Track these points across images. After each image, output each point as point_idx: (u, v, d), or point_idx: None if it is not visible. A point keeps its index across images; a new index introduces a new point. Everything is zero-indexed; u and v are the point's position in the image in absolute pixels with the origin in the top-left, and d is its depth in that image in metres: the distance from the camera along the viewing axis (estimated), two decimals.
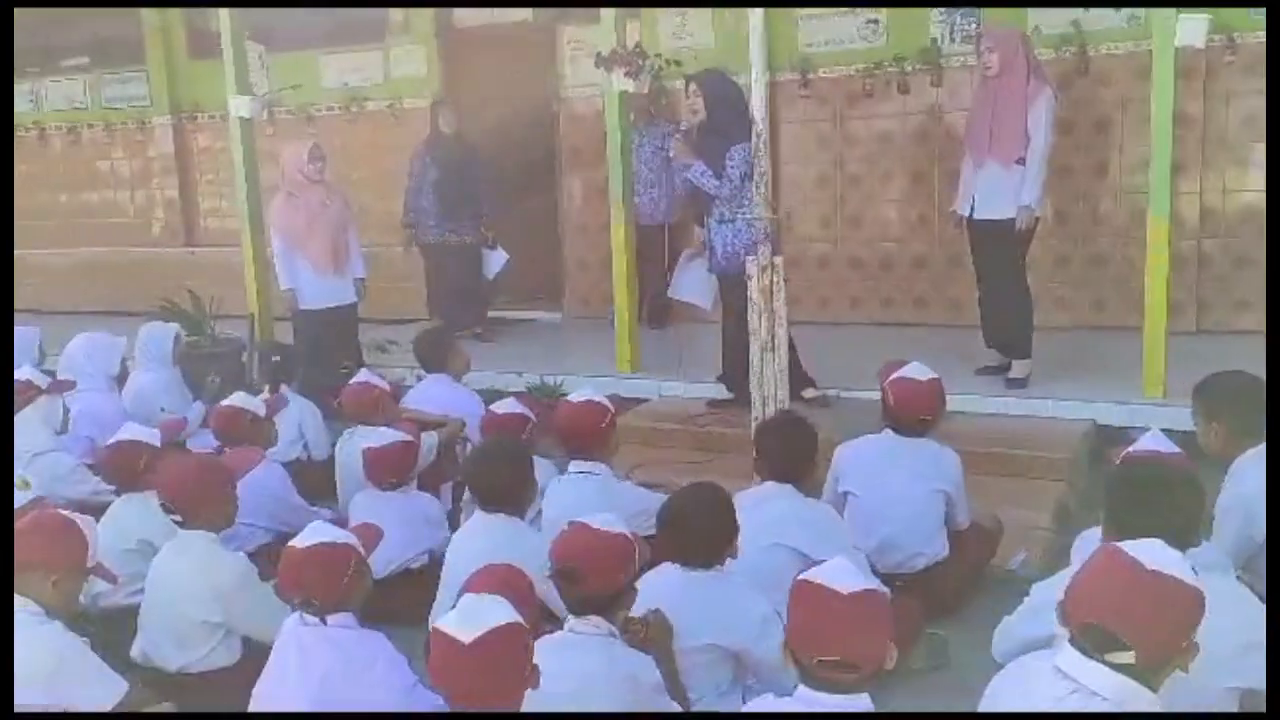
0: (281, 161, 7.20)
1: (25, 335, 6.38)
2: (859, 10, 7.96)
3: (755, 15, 4.84)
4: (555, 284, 9.27)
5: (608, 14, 6.69)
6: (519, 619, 2.28)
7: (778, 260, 4.90)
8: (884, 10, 7.88)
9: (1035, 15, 7.43)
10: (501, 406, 4.63)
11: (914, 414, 4.01)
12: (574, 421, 4.12)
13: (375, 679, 2.87)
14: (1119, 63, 7.31)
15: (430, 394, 5.55)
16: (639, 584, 2.90)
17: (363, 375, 5.27)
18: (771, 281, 4.89)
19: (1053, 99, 5.97)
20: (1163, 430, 4.34)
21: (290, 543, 2.94)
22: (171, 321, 7.67)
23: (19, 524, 3.14)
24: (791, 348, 6.07)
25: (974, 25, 7.65)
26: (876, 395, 6.04)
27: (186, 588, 3.43)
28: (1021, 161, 5.91)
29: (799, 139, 8.29)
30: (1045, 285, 7.20)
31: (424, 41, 9.49)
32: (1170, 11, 5.36)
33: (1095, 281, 7.56)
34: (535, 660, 2.34)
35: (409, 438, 4.34)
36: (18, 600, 3.02)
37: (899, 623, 3.54)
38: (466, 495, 4.53)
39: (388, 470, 4.27)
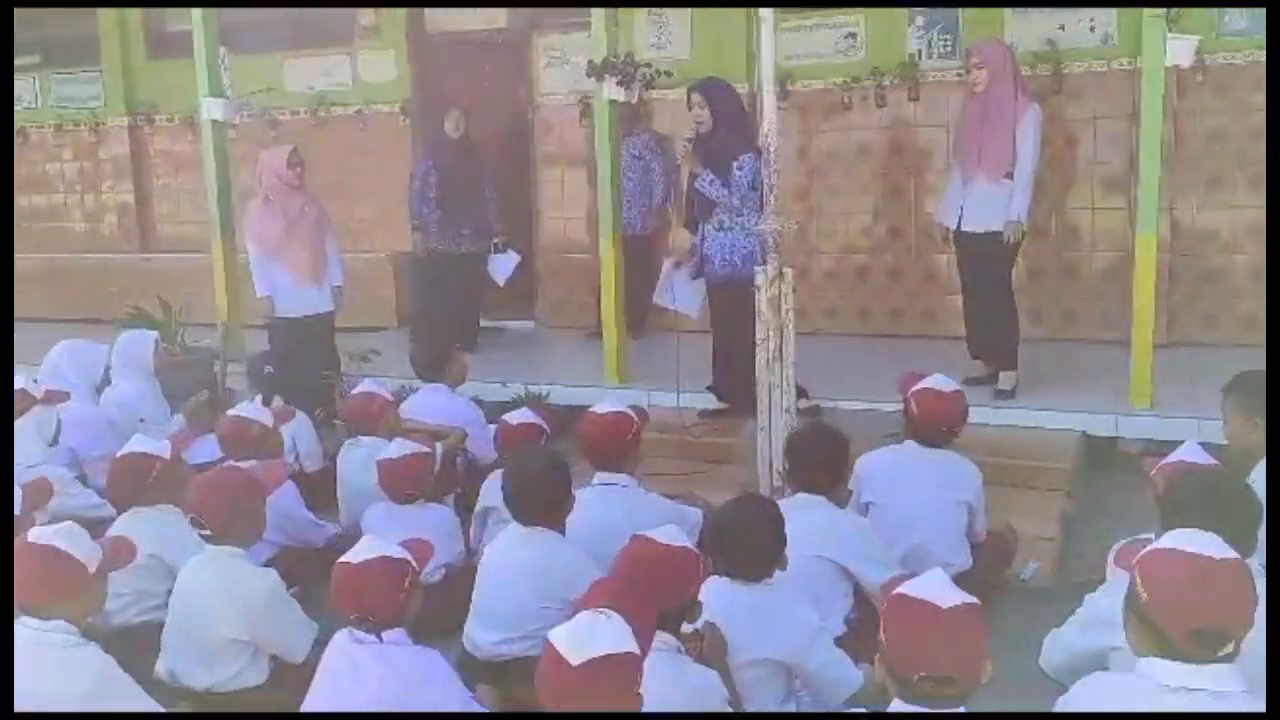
0: (258, 166, 7.04)
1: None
2: (837, 24, 8.03)
3: (766, 24, 4.85)
4: (528, 292, 9.20)
5: (596, 22, 6.66)
6: (632, 647, 2.23)
7: (787, 271, 4.91)
8: (863, 24, 7.97)
9: (1011, 32, 7.56)
10: (515, 417, 4.58)
11: (939, 425, 4.04)
12: (601, 433, 4.09)
13: (432, 696, 2.81)
14: (1091, 81, 7.46)
15: (428, 404, 5.46)
16: None
17: (366, 385, 5.17)
18: (780, 291, 4.89)
19: (1039, 114, 6.07)
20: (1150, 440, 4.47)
21: (343, 558, 2.87)
22: (141, 329, 7.50)
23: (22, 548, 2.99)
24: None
25: (950, 41, 7.78)
26: (862, 405, 6.24)
27: (215, 605, 3.33)
28: (1009, 176, 6.01)
29: (777, 151, 8.28)
30: (1018, 298, 7.31)
31: (394, 46, 9.38)
32: (1159, 32, 5.47)
33: (1066, 294, 7.71)
34: None
35: (425, 449, 4.27)
36: (50, 624, 2.92)
37: None
38: (479, 507, 4.48)
39: (405, 483, 4.20)
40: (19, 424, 4.50)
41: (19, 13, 10.17)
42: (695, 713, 2.71)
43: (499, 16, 9.09)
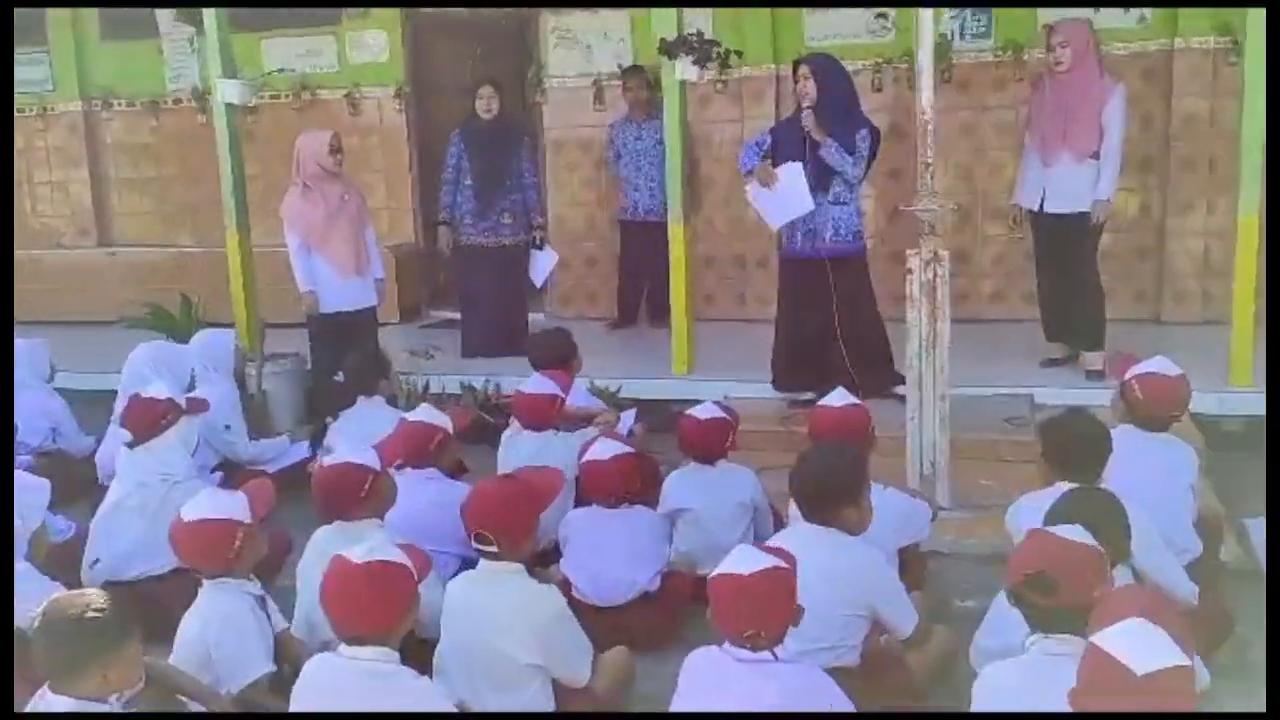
0: (296, 153, 6.58)
1: (31, 350, 5.60)
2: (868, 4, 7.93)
3: (925, 14, 4.68)
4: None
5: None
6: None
7: (944, 253, 4.78)
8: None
9: (1047, 12, 7.58)
10: (703, 411, 4.31)
11: (1165, 410, 3.96)
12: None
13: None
14: (1126, 63, 7.52)
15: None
16: None
17: (539, 382, 4.76)
18: (935, 275, 4.76)
19: (1125, 92, 6.08)
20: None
21: (723, 569, 2.59)
22: (159, 329, 6.96)
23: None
24: (887, 344, 6.03)
25: (985, 23, 7.77)
26: (970, 392, 6.12)
27: (504, 625, 3.00)
28: (1095, 156, 6.00)
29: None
30: None
31: (386, 27, 8.90)
32: (1260, 14, 5.50)
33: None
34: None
35: (629, 449, 3.98)
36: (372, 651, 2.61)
37: (1212, 621, 3.51)
38: (664, 508, 4.23)
39: (611, 486, 3.90)
40: (167, 436, 4.05)
41: None
42: (744, 713, 2.53)
43: None
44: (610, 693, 3.20)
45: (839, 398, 4.20)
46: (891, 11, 7.91)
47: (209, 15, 7.00)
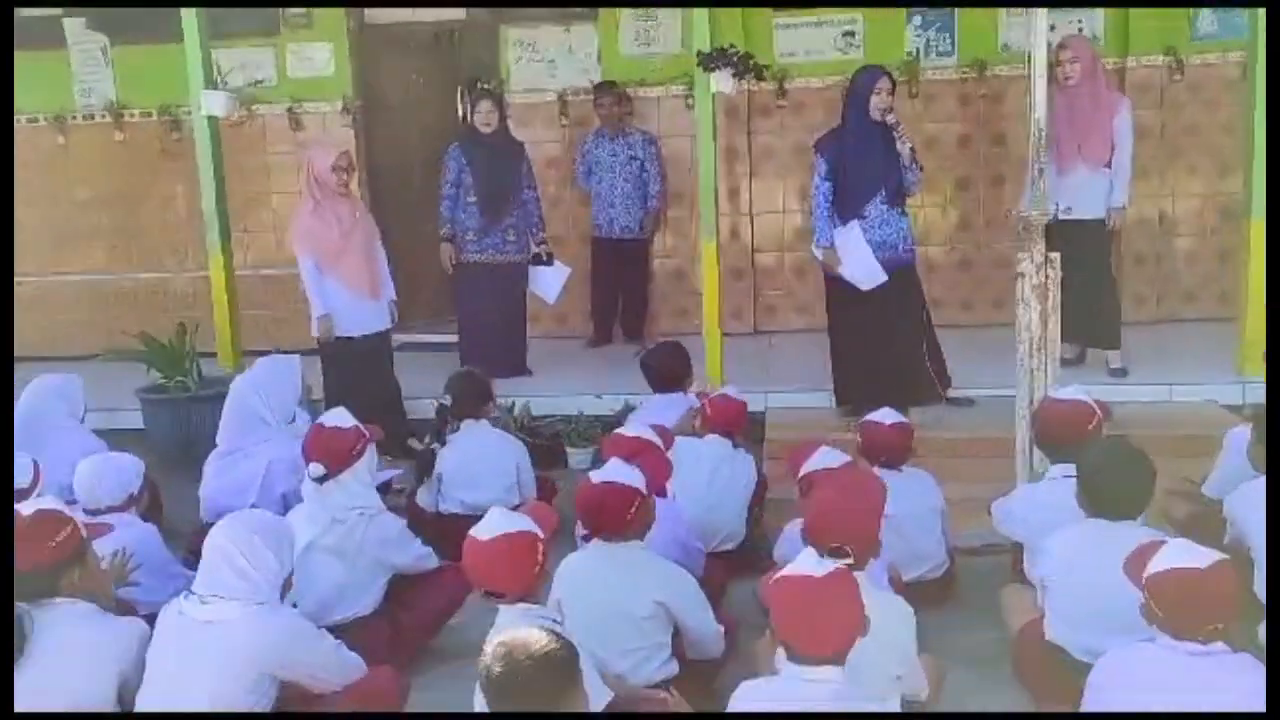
0: (304, 169, 6.18)
1: (64, 386, 5.01)
2: (835, 22, 8.13)
3: (1039, 15, 4.84)
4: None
5: (676, 12, 6.38)
6: None
7: (1054, 256, 4.94)
8: (861, 22, 8.11)
9: (1005, 34, 8.01)
10: (885, 416, 4.30)
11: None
12: (889, 439, 4.38)
13: None
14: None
15: (661, 416, 4.98)
16: None
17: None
18: (1047, 278, 4.92)
19: (1131, 105, 6.48)
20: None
21: None
22: (153, 361, 6.40)
23: None
24: (939, 348, 6.18)
25: (949, 40, 8.09)
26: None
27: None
28: (1108, 165, 6.37)
29: (774, 149, 8.30)
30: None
31: (331, 38, 8.46)
32: (1260, 27, 5.96)
33: None
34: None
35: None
36: None
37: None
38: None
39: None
40: (353, 469, 3.68)
41: None
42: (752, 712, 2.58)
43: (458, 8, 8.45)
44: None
45: (888, 414, 4.49)
46: (859, 29, 8.13)
47: (188, 23, 6.51)
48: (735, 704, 2.56)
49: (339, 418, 3.84)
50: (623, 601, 3.23)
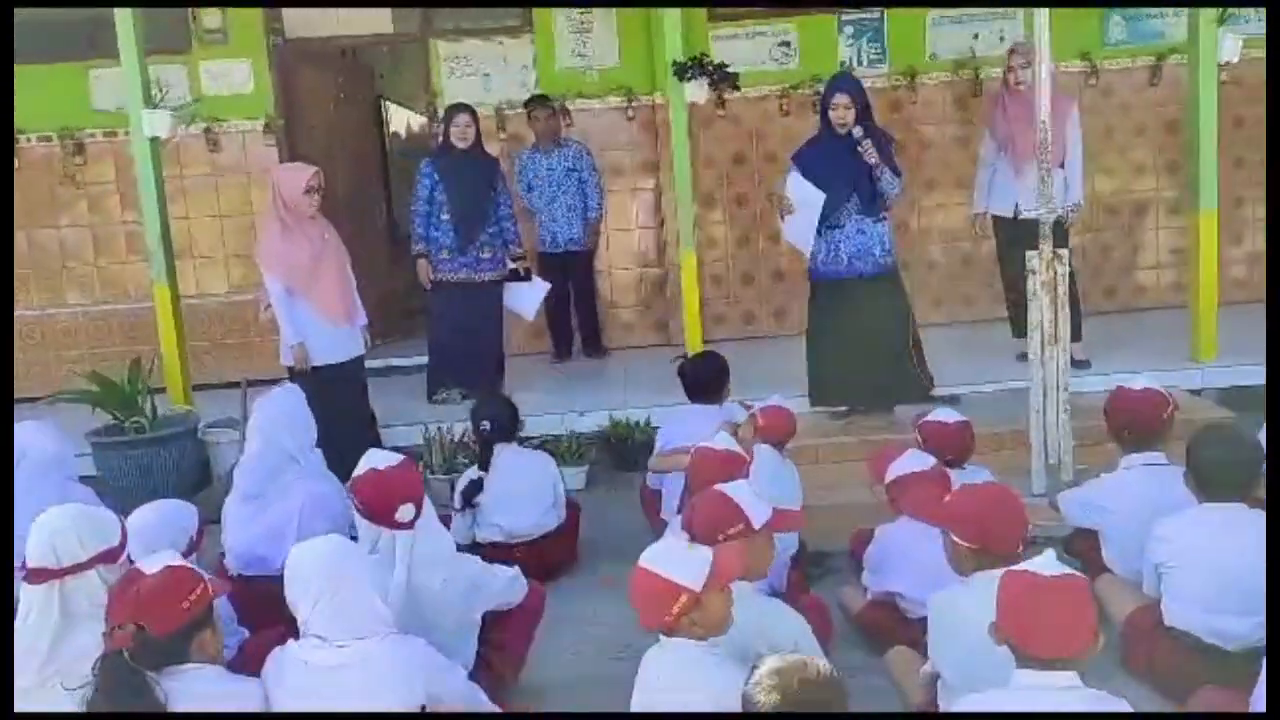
0: (273, 189, 5.85)
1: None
2: (772, 33, 8.20)
3: (1041, 14, 4.96)
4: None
5: (669, 21, 6.34)
6: None
7: (1063, 253, 5.08)
8: (795, 33, 8.20)
9: (933, 43, 8.23)
10: (945, 415, 4.31)
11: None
12: (955, 437, 4.35)
13: None
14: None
15: (696, 427, 4.85)
16: None
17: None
18: (1055, 274, 5.05)
19: (1078, 105, 6.76)
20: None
21: None
22: (93, 397, 5.96)
23: None
24: (919, 348, 6.27)
25: (880, 49, 8.25)
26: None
27: None
28: (1062, 165, 6.60)
29: (716, 158, 8.31)
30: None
31: (249, 54, 8.06)
32: (1213, 29, 6.29)
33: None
34: None
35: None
36: None
37: None
38: None
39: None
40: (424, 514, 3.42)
41: None
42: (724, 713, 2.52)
43: (383, 20, 8.17)
44: None
45: (948, 414, 4.53)
46: (794, 40, 8.22)
47: (125, 38, 6.10)
48: (965, 706, 2.49)
49: (387, 457, 3.62)
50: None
